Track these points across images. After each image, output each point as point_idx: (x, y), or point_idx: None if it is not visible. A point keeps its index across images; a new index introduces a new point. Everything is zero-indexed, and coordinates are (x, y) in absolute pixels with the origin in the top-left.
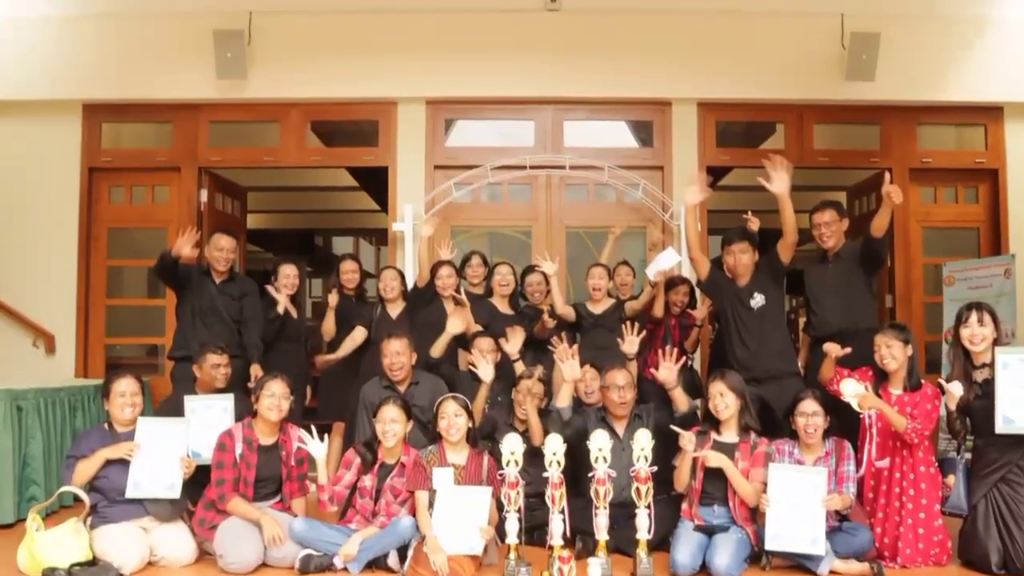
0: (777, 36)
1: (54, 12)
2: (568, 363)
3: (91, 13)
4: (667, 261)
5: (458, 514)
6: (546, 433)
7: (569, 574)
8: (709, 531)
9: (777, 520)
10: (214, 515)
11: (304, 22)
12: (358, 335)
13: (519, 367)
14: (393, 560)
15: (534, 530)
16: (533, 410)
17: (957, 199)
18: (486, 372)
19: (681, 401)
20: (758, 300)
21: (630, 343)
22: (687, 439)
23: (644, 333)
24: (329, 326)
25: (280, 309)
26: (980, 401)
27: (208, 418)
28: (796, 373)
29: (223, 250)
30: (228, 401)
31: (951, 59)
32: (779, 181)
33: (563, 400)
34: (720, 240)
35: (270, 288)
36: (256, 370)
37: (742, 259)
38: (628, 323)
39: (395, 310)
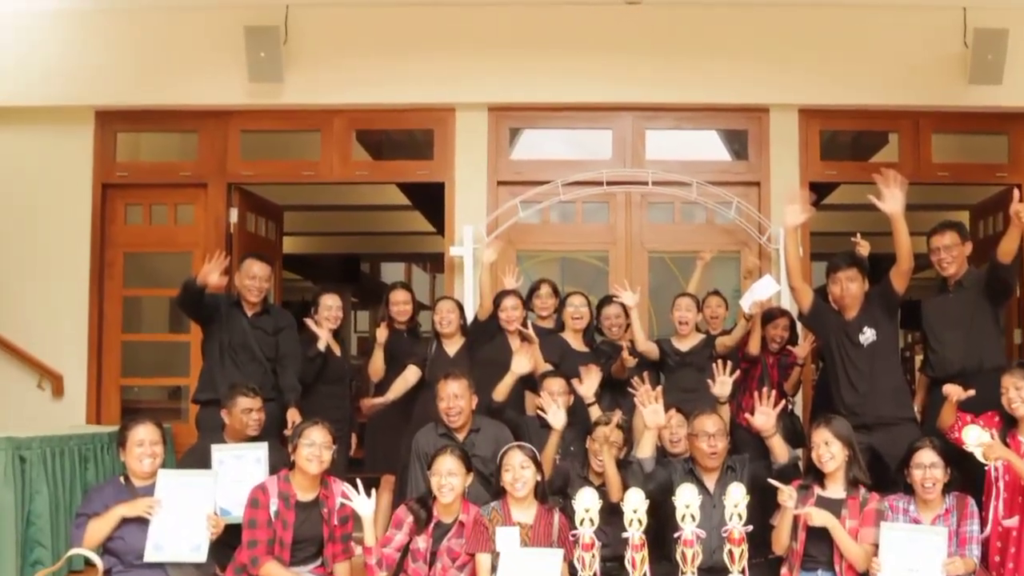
0: (889, 33)
1: (62, 6)
2: (651, 407)
3: (104, 7)
4: (764, 291)
5: None
6: (625, 487)
7: None
8: None
9: None
10: None
11: (348, 16)
12: (410, 375)
13: (594, 412)
14: None
15: None
16: (611, 461)
17: None
18: (557, 418)
19: (780, 451)
20: (868, 335)
21: (722, 384)
22: (787, 494)
23: (738, 373)
24: (377, 365)
25: (321, 346)
26: None
27: (238, 470)
28: (912, 419)
29: (256, 278)
30: (261, 451)
31: None
32: (892, 199)
33: (645, 450)
34: (825, 267)
35: (309, 322)
36: (293, 415)
37: (850, 288)
38: (719, 362)
39: (453, 347)
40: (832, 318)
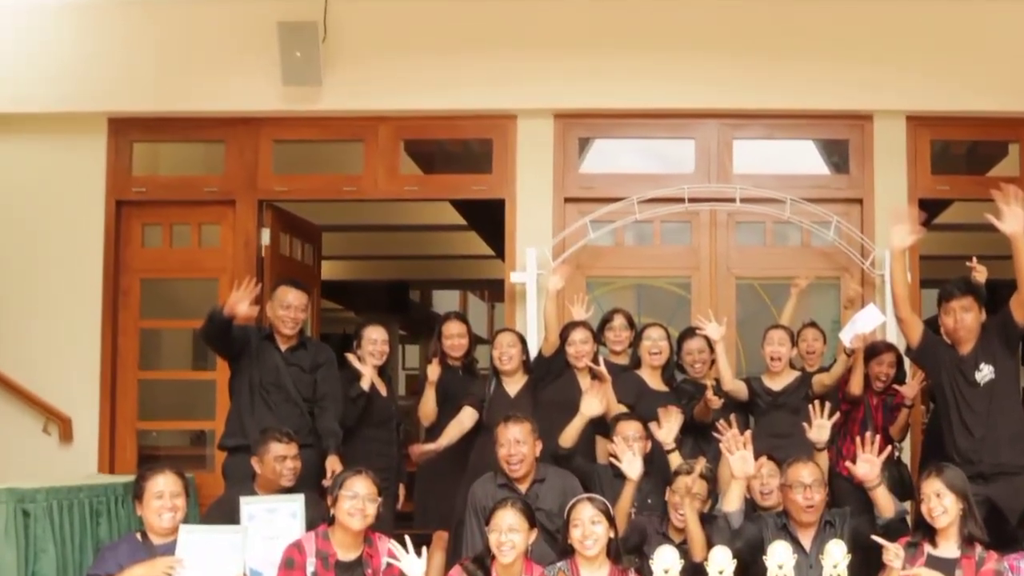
0: (1011, 30)
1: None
2: (738, 455)
3: (118, 1)
4: (868, 322)
5: None
6: (710, 545)
7: None
8: None
9: None
10: None
11: (396, 10)
12: (466, 418)
13: (675, 460)
14: None
15: None
16: (694, 515)
17: None
18: (632, 466)
19: (885, 504)
20: (986, 373)
21: (819, 428)
22: (893, 553)
23: (837, 416)
24: (428, 407)
25: (365, 384)
26: None
27: (271, 526)
28: None
29: (291, 308)
30: (297, 504)
31: None
32: (1012, 218)
33: (732, 503)
34: (936, 295)
35: (351, 357)
36: (334, 464)
37: (965, 319)
38: (817, 403)
39: (514, 386)
40: (945, 353)
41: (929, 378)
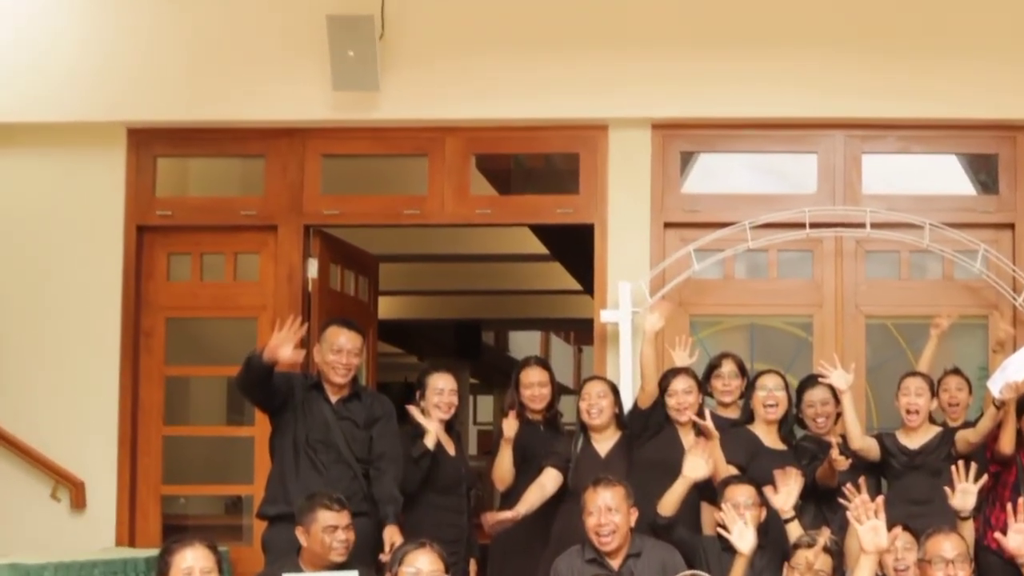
0: None
1: None
2: (869, 524)
3: None
4: (1021, 368)
5: None
6: None
7: None
8: None
9: None
10: None
11: (467, 2)
12: (548, 482)
13: (793, 530)
14: None
15: None
16: None
17: None
18: (744, 538)
19: None
20: None
21: (963, 494)
22: None
23: (985, 479)
24: (504, 468)
25: (429, 443)
26: None
27: None
28: None
29: (343, 352)
30: None
31: None
32: None
33: None
34: None
35: (414, 411)
36: (392, 535)
37: None
38: (960, 463)
39: (605, 444)
40: None
41: None
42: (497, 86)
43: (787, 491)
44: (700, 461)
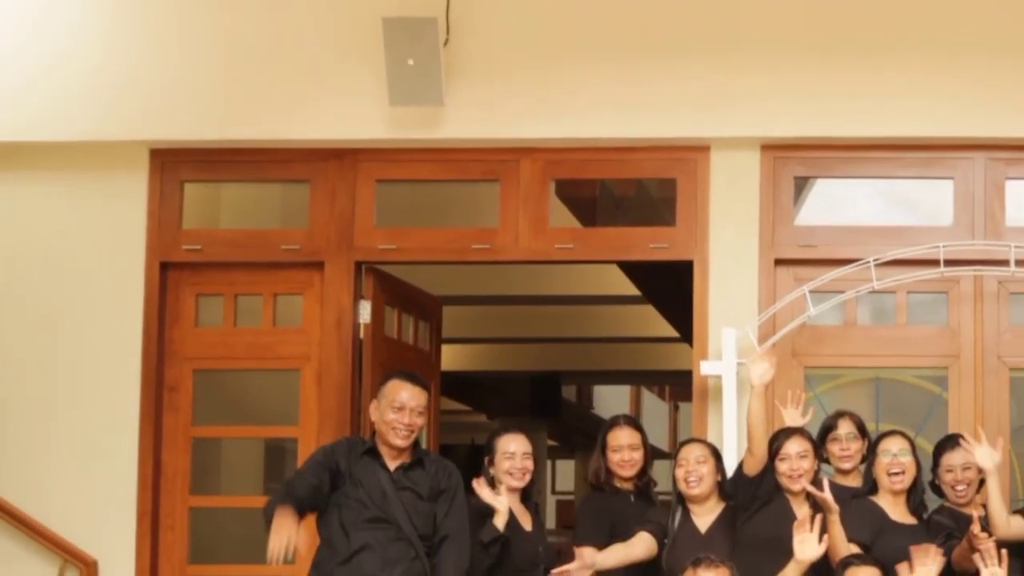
0: None
1: None
2: None
3: None
4: None
5: None
6: None
7: None
8: None
9: None
10: None
11: (545, 5)
12: (638, 545)
13: None
14: None
15: None
16: None
17: None
18: None
19: None
20: None
21: None
22: None
23: None
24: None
25: (500, 524)
26: None
27: None
28: None
29: (405, 410)
30: None
31: None
32: None
33: None
34: None
35: (481, 487)
36: None
37: None
38: None
39: (707, 517)
40: None
41: None
42: (580, 101)
43: (925, 572)
44: (812, 539)
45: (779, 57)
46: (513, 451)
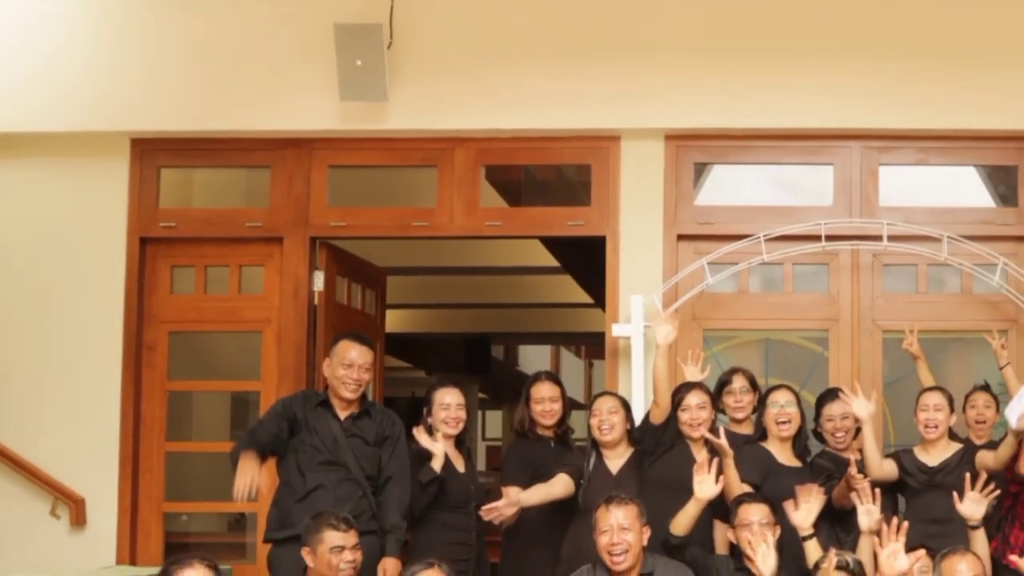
0: None
1: None
2: (891, 547)
3: None
4: None
5: None
6: None
7: None
8: None
9: None
10: None
11: (476, 11)
12: (558, 486)
13: (812, 550)
14: None
15: None
16: None
17: None
18: (767, 561)
19: None
20: None
21: (972, 504)
22: None
23: (997, 492)
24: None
25: (437, 465)
26: None
27: None
28: None
29: (354, 367)
30: None
31: None
32: None
33: None
34: None
35: (420, 434)
36: (389, 567)
37: None
38: (978, 477)
39: (617, 461)
40: None
41: None
42: (507, 96)
43: (807, 508)
44: (709, 480)
45: (681, 57)
46: (448, 403)
